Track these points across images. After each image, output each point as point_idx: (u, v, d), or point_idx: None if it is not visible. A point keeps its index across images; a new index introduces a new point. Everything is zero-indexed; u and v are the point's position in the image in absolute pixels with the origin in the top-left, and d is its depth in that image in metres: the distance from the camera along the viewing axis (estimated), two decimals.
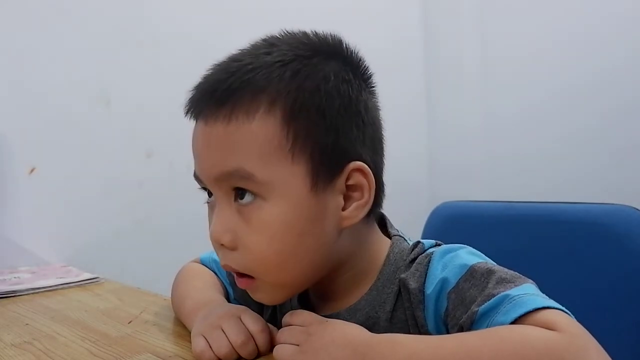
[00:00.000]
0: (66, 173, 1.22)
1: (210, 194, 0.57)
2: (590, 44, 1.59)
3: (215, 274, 0.76)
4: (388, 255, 0.59)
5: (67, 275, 1.03)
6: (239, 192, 0.53)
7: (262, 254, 0.53)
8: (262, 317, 0.58)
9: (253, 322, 0.55)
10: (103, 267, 1.07)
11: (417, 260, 0.57)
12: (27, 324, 0.73)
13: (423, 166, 1.92)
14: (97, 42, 1.26)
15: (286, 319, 0.54)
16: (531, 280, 0.50)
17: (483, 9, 1.84)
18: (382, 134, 0.60)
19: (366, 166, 0.54)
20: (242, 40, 0.63)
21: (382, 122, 0.60)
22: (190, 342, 0.57)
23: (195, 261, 0.79)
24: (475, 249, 0.57)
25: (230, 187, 0.53)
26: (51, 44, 1.20)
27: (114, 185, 1.28)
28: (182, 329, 0.66)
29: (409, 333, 0.55)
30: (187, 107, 0.57)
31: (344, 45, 0.57)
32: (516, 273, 0.50)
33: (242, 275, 0.55)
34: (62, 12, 1.21)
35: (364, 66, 0.58)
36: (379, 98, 0.61)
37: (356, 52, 0.58)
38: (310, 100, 0.52)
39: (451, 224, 1.03)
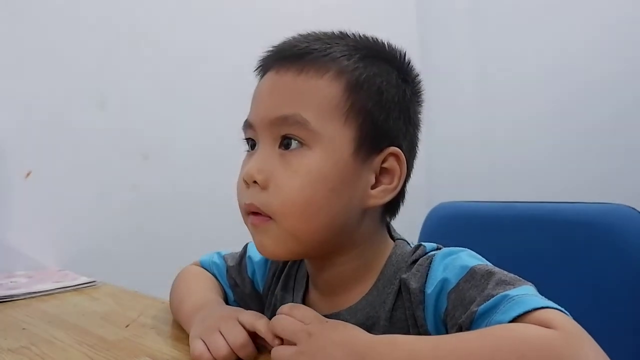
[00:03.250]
0: (62, 176, 1.21)
1: (252, 146, 0.60)
2: (587, 50, 1.60)
3: (215, 276, 0.76)
4: (390, 257, 0.60)
5: (63, 279, 1.03)
6: (285, 142, 0.56)
7: (292, 194, 0.54)
8: None
9: (251, 323, 0.55)
10: (100, 271, 1.07)
11: (418, 262, 0.58)
12: (24, 329, 0.73)
13: (420, 168, 1.92)
14: (93, 44, 1.26)
15: (284, 309, 0.53)
16: (530, 283, 0.50)
17: (477, 11, 1.85)
18: (418, 145, 0.64)
19: (402, 154, 0.58)
20: (238, 41, 0.63)
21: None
22: (189, 345, 0.57)
23: (195, 264, 0.79)
24: (473, 249, 0.58)
25: (279, 134, 0.56)
26: (46, 47, 1.19)
27: (110, 188, 1.28)
28: (180, 332, 0.66)
29: (409, 332, 0.56)
30: (259, 64, 0.62)
31: (406, 59, 0.62)
32: (516, 276, 0.51)
33: (259, 215, 0.56)
34: (57, 14, 1.21)
35: (419, 82, 0.63)
36: None
37: (414, 68, 0.63)
38: (372, 80, 0.57)
39: (448, 224, 1.03)
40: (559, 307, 0.45)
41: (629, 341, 0.80)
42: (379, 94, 0.57)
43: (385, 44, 0.62)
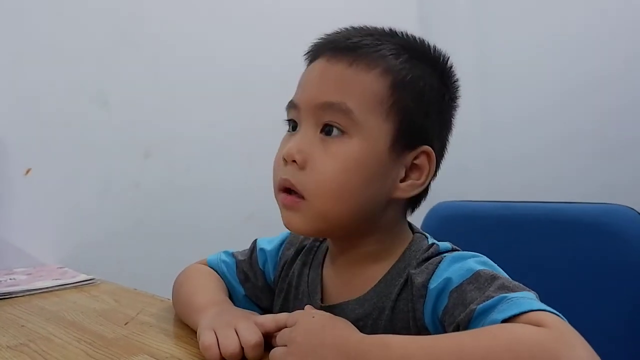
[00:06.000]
0: (63, 174, 1.21)
1: (294, 128, 0.62)
2: (586, 44, 1.60)
3: (224, 274, 0.76)
4: (405, 251, 0.62)
5: (63, 276, 1.03)
6: (327, 129, 0.59)
7: (328, 177, 0.57)
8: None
9: (267, 325, 0.56)
10: (99, 269, 1.07)
11: (429, 261, 0.59)
12: (23, 326, 0.73)
13: None
14: (95, 42, 1.26)
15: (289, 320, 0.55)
16: (533, 291, 0.50)
17: (478, 10, 1.84)
18: (447, 147, 0.66)
19: (434, 153, 0.61)
20: (240, 41, 0.64)
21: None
22: (188, 343, 0.57)
23: (201, 262, 0.79)
24: (472, 249, 0.58)
25: (322, 120, 0.59)
26: (48, 45, 1.19)
27: (111, 186, 1.28)
28: (179, 330, 0.66)
29: (409, 324, 0.57)
30: (310, 49, 0.65)
31: (449, 63, 0.65)
32: (520, 284, 0.51)
33: (291, 193, 0.59)
34: (59, 12, 1.21)
35: (457, 87, 0.66)
36: None
37: (454, 72, 0.65)
38: (416, 82, 0.60)
39: (448, 223, 1.03)
40: (555, 311, 0.45)
41: (629, 341, 0.80)
42: (421, 95, 0.60)
43: (431, 46, 0.64)
